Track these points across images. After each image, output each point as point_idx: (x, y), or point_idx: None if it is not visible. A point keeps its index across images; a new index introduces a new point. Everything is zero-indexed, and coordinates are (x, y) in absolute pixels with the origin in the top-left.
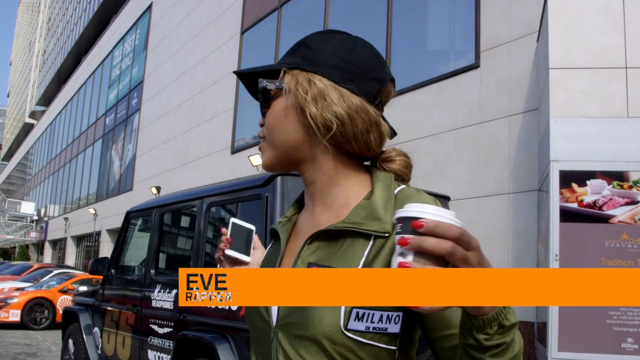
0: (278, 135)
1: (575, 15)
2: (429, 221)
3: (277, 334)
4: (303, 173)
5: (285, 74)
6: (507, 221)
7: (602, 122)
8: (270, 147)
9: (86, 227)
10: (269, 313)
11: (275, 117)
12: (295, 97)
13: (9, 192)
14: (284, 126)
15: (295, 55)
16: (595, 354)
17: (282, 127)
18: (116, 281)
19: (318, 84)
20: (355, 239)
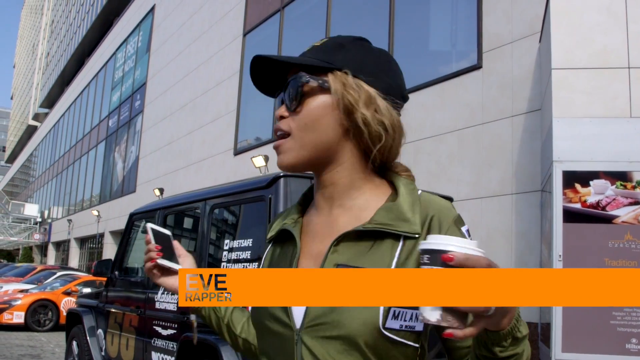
0: (312, 134)
1: (577, 15)
2: (459, 255)
3: (301, 337)
4: (323, 174)
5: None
6: (510, 222)
7: (605, 122)
8: (299, 145)
9: (89, 229)
10: (290, 316)
11: (314, 115)
12: (343, 98)
13: (13, 194)
14: (322, 126)
15: (334, 56)
16: (599, 355)
17: (319, 127)
18: (120, 283)
19: (368, 90)
20: (383, 240)
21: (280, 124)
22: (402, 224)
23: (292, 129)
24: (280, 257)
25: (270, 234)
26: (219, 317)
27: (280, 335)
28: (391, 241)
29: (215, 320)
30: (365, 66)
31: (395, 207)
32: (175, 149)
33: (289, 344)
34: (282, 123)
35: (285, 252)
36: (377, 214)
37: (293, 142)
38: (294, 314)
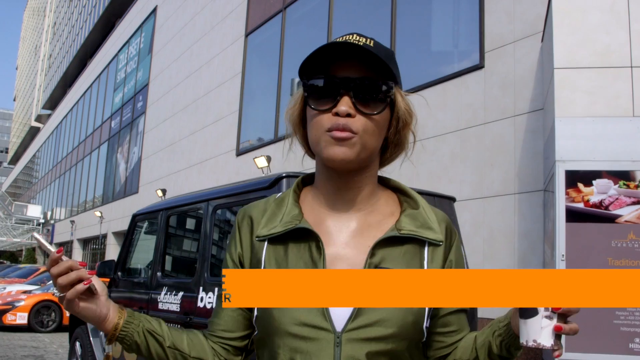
0: (375, 141)
1: (579, 14)
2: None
3: (342, 340)
4: (354, 177)
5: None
6: (513, 222)
7: (608, 122)
8: (362, 147)
9: (92, 230)
10: (328, 319)
11: (382, 124)
12: (403, 116)
13: (16, 195)
14: (381, 135)
15: (392, 66)
16: (603, 355)
17: (380, 136)
18: (123, 284)
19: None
20: (411, 245)
21: (349, 123)
22: (428, 232)
23: (359, 131)
24: (294, 257)
25: (270, 231)
26: (159, 341)
27: (313, 340)
28: (417, 246)
29: (154, 347)
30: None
31: (420, 215)
32: (178, 150)
33: (326, 348)
34: (351, 123)
35: (300, 252)
36: (403, 221)
37: (359, 141)
38: (335, 316)
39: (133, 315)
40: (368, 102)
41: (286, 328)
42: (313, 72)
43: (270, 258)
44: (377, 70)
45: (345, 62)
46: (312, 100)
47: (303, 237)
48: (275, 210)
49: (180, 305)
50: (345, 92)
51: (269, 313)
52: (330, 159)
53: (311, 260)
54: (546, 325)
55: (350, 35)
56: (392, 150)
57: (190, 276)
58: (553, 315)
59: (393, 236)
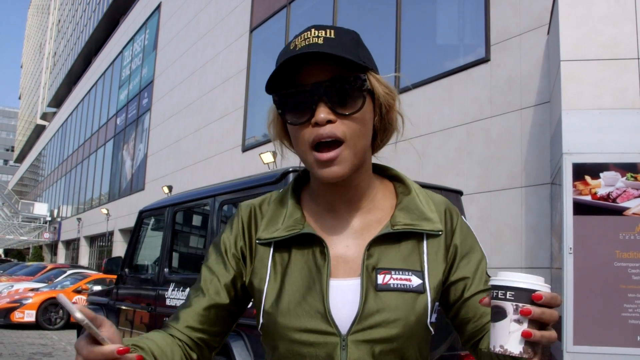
0: (364, 141)
1: (585, 6)
2: (546, 294)
3: (347, 342)
4: (353, 176)
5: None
6: (520, 215)
7: (615, 114)
8: (353, 154)
9: (99, 227)
10: (332, 323)
11: (366, 120)
12: (384, 100)
13: (22, 193)
14: (367, 130)
15: (359, 53)
16: (611, 347)
17: (368, 132)
18: (130, 280)
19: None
20: (409, 240)
21: (333, 130)
22: (425, 223)
23: (346, 136)
24: (298, 264)
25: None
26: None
27: (318, 345)
28: (414, 241)
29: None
30: (373, 61)
31: (414, 207)
32: (183, 147)
33: (331, 352)
34: (335, 129)
35: (304, 257)
36: (398, 215)
37: (348, 150)
38: (339, 319)
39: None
40: (345, 103)
41: (291, 335)
42: (281, 86)
43: (276, 264)
44: (346, 64)
45: (310, 65)
46: (288, 115)
47: (307, 242)
48: (276, 212)
49: None
50: (319, 99)
51: (273, 321)
52: (324, 179)
53: (315, 266)
54: (515, 330)
55: (309, 32)
56: (381, 136)
57: (197, 272)
58: (523, 320)
59: (387, 233)
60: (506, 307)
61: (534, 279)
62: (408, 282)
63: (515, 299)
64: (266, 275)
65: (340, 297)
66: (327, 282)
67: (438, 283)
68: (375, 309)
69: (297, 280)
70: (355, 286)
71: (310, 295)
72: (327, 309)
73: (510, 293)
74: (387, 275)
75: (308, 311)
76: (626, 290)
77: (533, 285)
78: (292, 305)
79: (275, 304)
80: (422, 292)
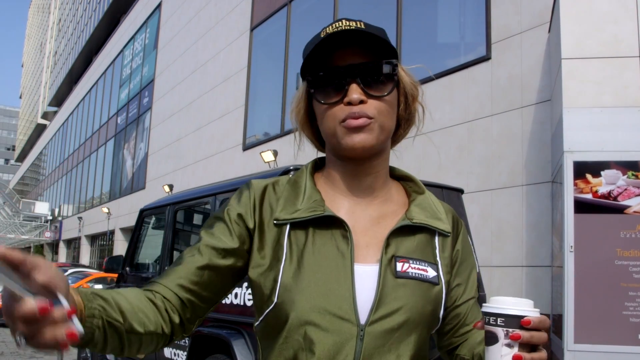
0: (391, 122)
1: (587, 4)
2: (535, 319)
3: (365, 333)
4: (371, 162)
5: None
6: (521, 213)
7: (616, 112)
8: (380, 130)
9: (100, 226)
10: (355, 309)
11: (394, 103)
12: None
13: (23, 192)
14: (394, 115)
15: (389, 45)
16: (612, 346)
17: (393, 116)
18: (131, 279)
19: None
20: (423, 234)
21: (364, 109)
22: (438, 222)
23: (374, 115)
24: (318, 246)
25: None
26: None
27: (333, 332)
28: (427, 235)
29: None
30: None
31: (427, 205)
32: (184, 145)
33: (348, 342)
34: (365, 108)
35: (323, 240)
36: (414, 210)
37: (377, 125)
38: (361, 308)
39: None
40: (377, 85)
41: (308, 316)
42: (315, 68)
43: (292, 244)
44: (377, 51)
45: (344, 50)
46: (320, 95)
47: (327, 224)
48: (292, 192)
49: None
50: (352, 80)
51: (290, 299)
52: (350, 147)
53: (337, 249)
54: (506, 354)
55: (340, 22)
56: (404, 126)
57: None
58: (513, 344)
59: (405, 225)
60: (497, 332)
61: (523, 304)
62: (425, 272)
63: (506, 324)
64: (282, 254)
65: (359, 283)
66: (352, 267)
67: (448, 279)
68: (393, 296)
69: (319, 262)
70: (373, 273)
71: (334, 278)
72: (353, 294)
73: (500, 319)
74: (405, 264)
75: (331, 293)
76: (627, 288)
77: (522, 311)
78: (314, 285)
79: (294, 282)
80: (437, 284)
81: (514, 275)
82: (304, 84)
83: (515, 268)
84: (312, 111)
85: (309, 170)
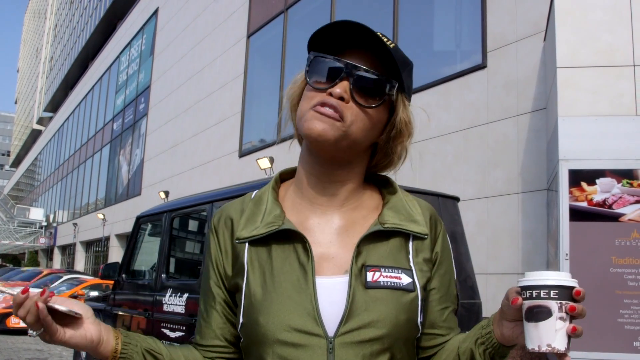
0: (360, 134)
1: (582, 13)
2: (583, 291)
3: (334, 345)
4: (337, 170)
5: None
6: (516, 221)
7: (611, 121)
8: (344, 134)
9: (95, 232)
10: (320, 323)
11: (374, 122)
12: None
13: (18, 198)
14: (371, 135)
15: (404, 72)
16: (607, 353)
17: (370, 135)
18: (127, 286)
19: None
20: (396, 239)
21: (340, 107)
22: (413, 225)
23: (347, 118)
24: (279, 260)
25: (251, 232)
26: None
27: (304, 347)
28: (401, 239)
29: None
30: (411, 92)
31: (401, 207)
32: (180, 152)
33: (318, 355)
34: (342, 107)
35: (285, 254)
36: (387, 214)
37: (343, 128)
38: (327, 320)
39: (129, 335)
40: (365, 94)
41: (275, 335)
42: (322, 49)
43: (252, 261)
44: (386, 69)
45: (357, 50)
46: (312, 76)
47: (287, 237)
48: (254, 210)
49: (185, 307)
50: (345, 77)
51: (254, 320)
52: (308, 132)
53: (298, 263)
54: (560, 328)
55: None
56: (379, 157)
57: (195, 278)
58: (567, 317)
59: (377, 231)
60: (551, 305)
61: (568, 276)
62: (398, 279)
63: (560, 297)
64: (244, 273)
65: (325, 296)
66: (313, 280)
67: (424, 283)
68: (364, 308)
69: (279, 278)
70: (342, 285)
71: (295, 293)
72: (316, 308)
73: (554, 292)
74: (376, 273)
75: (294, 310)
76: (622, 295)
77: (571, 282)
78: (276, 303)
79: (256, 302)
80: (412, 291)
81: (509, 283)
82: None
83: (511, 275)
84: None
85: (272, 184)
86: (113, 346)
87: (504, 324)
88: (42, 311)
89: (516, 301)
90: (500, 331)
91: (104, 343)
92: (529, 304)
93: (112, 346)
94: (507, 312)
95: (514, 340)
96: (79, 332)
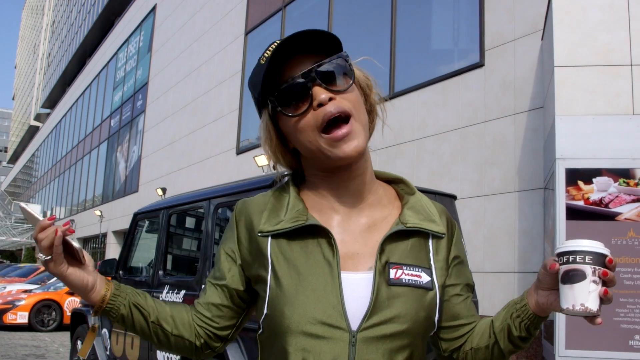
0: (363, 115)
1: (579, 13)
2: (615, 260)
3: (357, 339)
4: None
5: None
6: (513, 220)
7: (608, 120)
8: (362, 127)
9: (92, 228)
10: (345, 317)
11: (358, 97)
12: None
13: (15, 194)
14: (363, 107)
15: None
16: (603, 351)
17: (363, 108)
18: (124, 282)
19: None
20: (415, 238)
21: (338, 104)
22: (432, 225)
23: (351, 109)
24: (302, 254)
25: (275, 226)
26: (144, 315)
27: (327, 340)
28: (420, 239)
29: (139, 321)
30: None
31: (420, 207)
32: (178, 149)
33: (340, 348)
34: (339, 103)
35: (309, 249)
36: (407, 214)
37: (357, 123)
38: (351, 314)
39: (120, 287)
40: (337, 81)
41: (299, 327)
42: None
43: (277, 254)
44: (325, 50)
45: (290, 62)
46: (286, 109)
47: (311, 233)
48: (276, 204)
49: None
50: (313, 83)
51: (280, 311)
52: (344, 158)
53: (323, 258)
54: (593, 290)
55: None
56: (370, 119)
57: (191, 275)
58: (599, 281)
59: (399, 230)
60: (585, 269)
61: (602, 245)
62: (418, 278)
63: (594, 262)
64: (268, 266)
65: (350, 291)
66: (338, 275)
67: (443, 282)
68: (387, 304)
69: (305, 272)
70: (366, 281)
71: (321, 287)
72: (342, 302)
73: (589, 257)
74: (399, 270)
75: (320, 303)
76: (618, 295)
77: (605, 250)
78: (302, 296)
79: (281, 294)
80: (431, 289)
81: (506, 281)
82: (265, 113)
83: (507, 274)
84: (283, 136)
85: (291, 182)
86: (102, 295)
87: (539, 292)
88: (59, 238)
89: (554, 266)
90: (535, 300)
91: (95, 291)
92: (566, 267)
93: (101, 295)
94: (543, 281)
95: (548, 306)
96: (78, 273)
